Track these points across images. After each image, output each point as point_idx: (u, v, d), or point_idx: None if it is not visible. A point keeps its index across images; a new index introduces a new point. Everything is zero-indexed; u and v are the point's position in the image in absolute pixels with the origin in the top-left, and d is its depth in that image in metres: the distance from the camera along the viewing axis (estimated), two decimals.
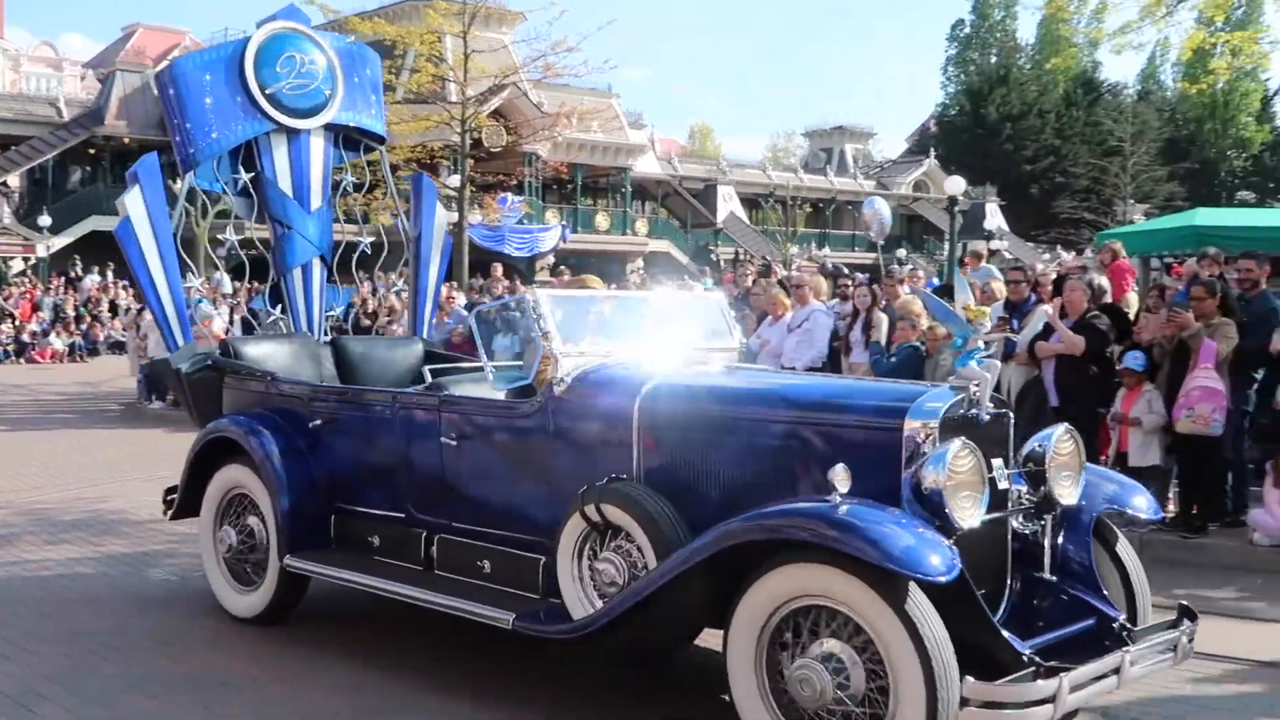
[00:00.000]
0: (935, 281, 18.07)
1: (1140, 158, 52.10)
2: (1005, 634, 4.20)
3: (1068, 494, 4.86)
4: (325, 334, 8.35)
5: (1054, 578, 4.82)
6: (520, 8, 30.07)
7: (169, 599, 7.22)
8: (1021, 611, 4.71)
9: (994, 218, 45.08)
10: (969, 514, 4.31)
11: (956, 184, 28.47)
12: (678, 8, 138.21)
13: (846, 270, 15.32)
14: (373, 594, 6.04)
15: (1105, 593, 4.79)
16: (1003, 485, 4.64)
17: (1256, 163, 61.32)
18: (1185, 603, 4.87)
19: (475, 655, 6.03)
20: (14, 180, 41.40)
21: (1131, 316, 10.03)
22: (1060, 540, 4.89)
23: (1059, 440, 4.88)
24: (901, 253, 41.15)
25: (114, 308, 33.16)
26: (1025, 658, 4.13)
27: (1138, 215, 43.23)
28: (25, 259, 38.79)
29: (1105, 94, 60.76)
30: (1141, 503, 5.18)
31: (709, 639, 5.30)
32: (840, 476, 4.18)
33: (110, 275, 35.10)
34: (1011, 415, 4.85)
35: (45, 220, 38.06)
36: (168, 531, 8.63)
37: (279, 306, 8.34)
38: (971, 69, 64.18)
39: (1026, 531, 4.85)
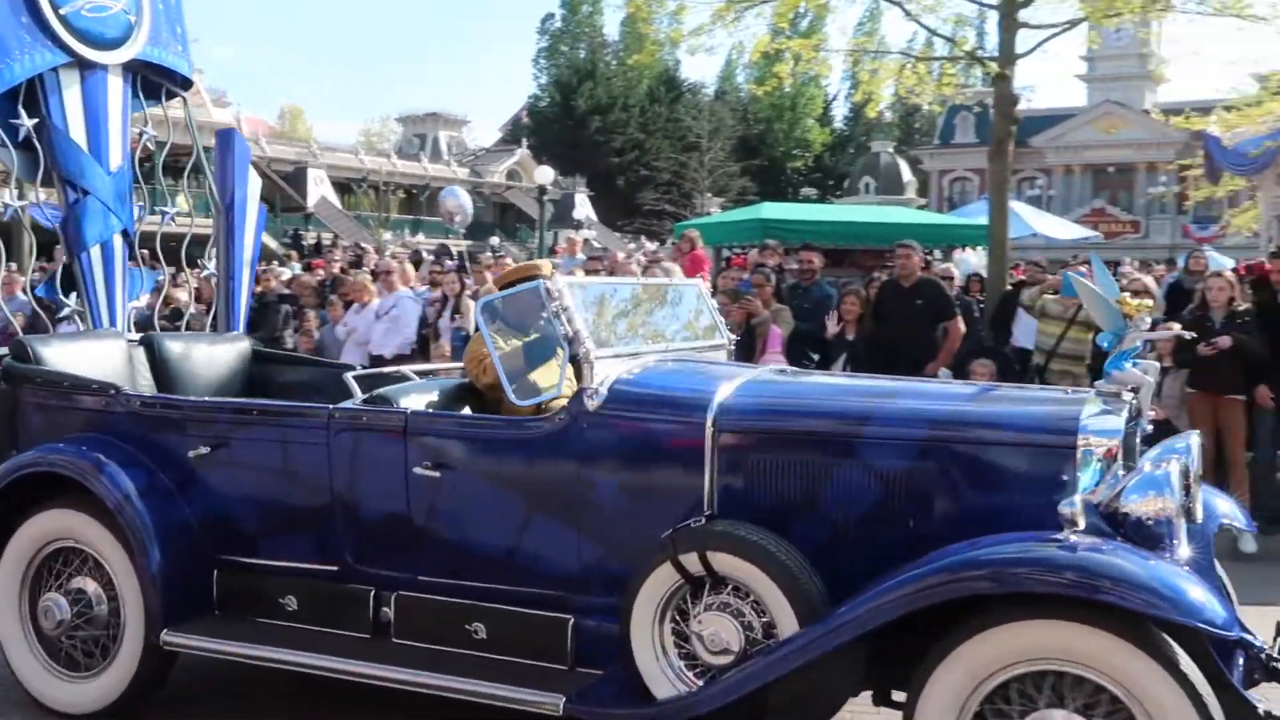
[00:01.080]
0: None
1: (716, 154, 55.35)
2: (1240, 690, 3.64)
3: (1199, 511, 4.30)
4: (129, 329, 6.59)
5: None
6: None
7: None
8: None
9: (583, 207, 46.45)
10: (1184, 546, 3.74)
11: (546, 174, 29.32)
12: None
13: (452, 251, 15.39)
14: (259, 672, 4.81)
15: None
16: None
17: (819, 162, 66.28)
18: None
19: None
20: None
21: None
22: None
23: (1196, 451, 4.29)
24: (494, 240, 41.49)
25: None
26: (1263, 713, 3.59)
27: (714, 208, 45.90)
28: None
29: (686, 92, 63.76)
30: (1228, 509, 4.78)
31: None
32: (1079, 512, 3.54)
33: None
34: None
35: None
36: None
37: (73, 295, 6.49)
38: (561, 62, 65.62)
39: None
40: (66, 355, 5.71)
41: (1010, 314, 11.36)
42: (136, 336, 6.31)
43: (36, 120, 6.21)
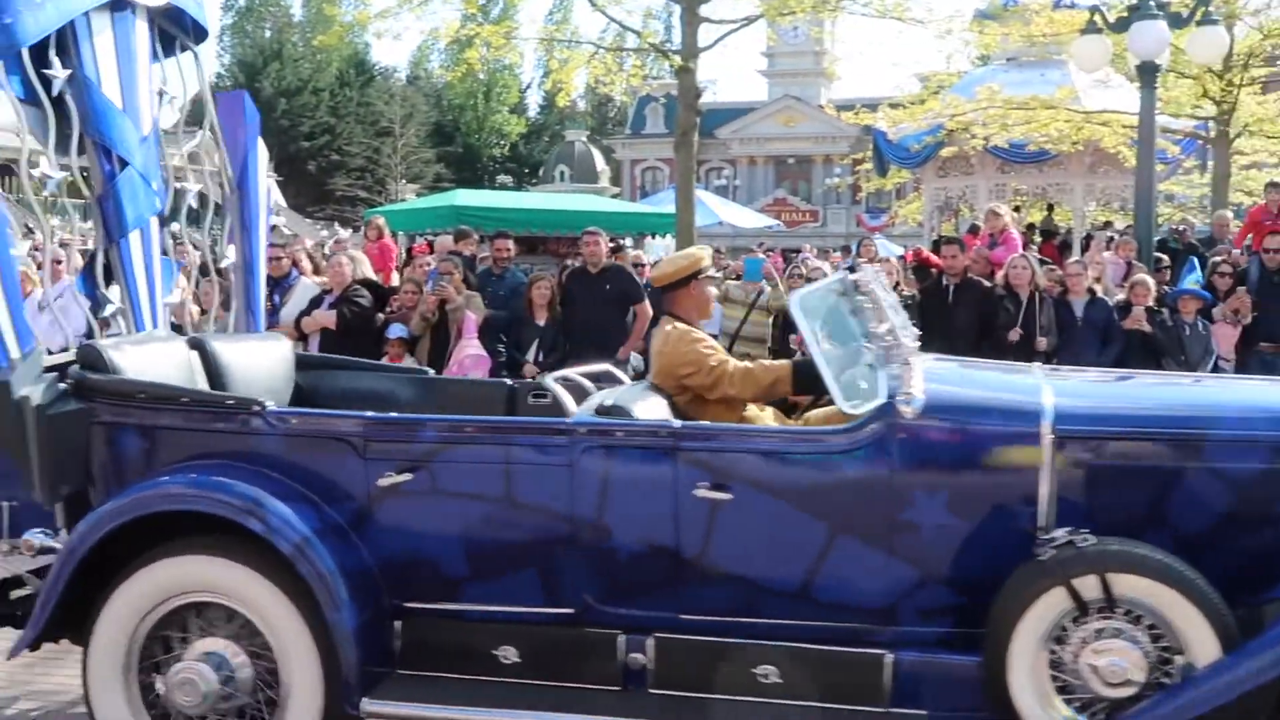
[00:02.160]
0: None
1: (410, 139, 54.66)
2: None
3: None
4: (167, 329, 5.45)
5: None
6: None
7: None
8: None
9: (272, 193, 45.00)
10: None
11: None
12: None
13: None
14: None
15: None
16: None
17: (514, 150, 66.52)
18: None
19: None
20: None
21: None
22: None
23: None
24: (175, 227, 39.61)
25: None
26: None
27: (409, 194, 45.37)
28: None
29: (377, 76, 62.65)
30: None
31: None
32: None
33: None
34: None
35: None
36: None
37: (114, 289, 5.25)
38: (246, 42, 63.18)
39: None
40: (141, 363, 4.64)
41: None
42: (183, 339, 5.26)
43: (69, 73, 4.91)
